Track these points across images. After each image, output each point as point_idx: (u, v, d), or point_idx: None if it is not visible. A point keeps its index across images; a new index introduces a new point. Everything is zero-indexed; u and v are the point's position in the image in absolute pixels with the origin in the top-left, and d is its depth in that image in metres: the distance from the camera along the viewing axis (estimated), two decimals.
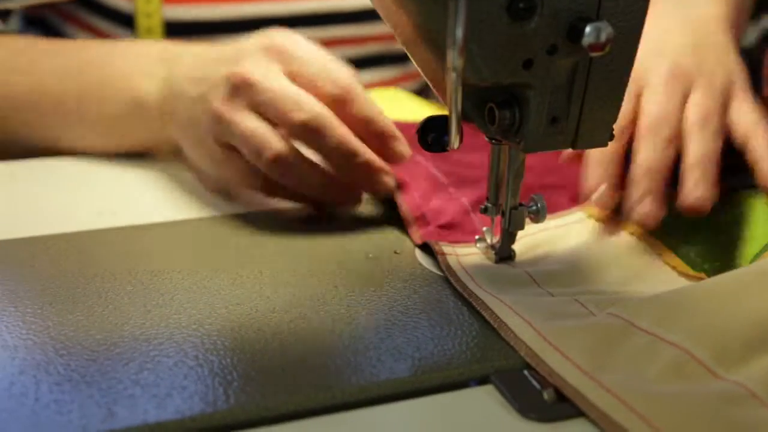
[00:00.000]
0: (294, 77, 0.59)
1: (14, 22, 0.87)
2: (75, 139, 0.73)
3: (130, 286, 0.52)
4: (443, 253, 0.55)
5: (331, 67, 0.59)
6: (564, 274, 0.53)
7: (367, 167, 0.59)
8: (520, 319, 0.47)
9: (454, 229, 0.59)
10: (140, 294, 0.52)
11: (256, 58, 0.59)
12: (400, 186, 0.63)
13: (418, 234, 0.59)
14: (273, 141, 0.57)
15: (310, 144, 0.59)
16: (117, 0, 0.82)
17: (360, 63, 0.91)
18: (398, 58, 0.93)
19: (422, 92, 0.98)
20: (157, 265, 0.55)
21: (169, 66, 0.67)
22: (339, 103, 0.59)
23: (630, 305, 0.46)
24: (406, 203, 0.61)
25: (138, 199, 0.68)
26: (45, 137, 0.73)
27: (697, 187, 0.55)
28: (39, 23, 0.90)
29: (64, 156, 0.76)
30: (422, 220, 0.60)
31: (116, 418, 0.41)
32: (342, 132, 0.58)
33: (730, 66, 0.63)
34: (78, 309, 0.50)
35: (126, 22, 0.83)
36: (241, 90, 0.58)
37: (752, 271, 0.47)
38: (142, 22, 0.81)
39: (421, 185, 0.63)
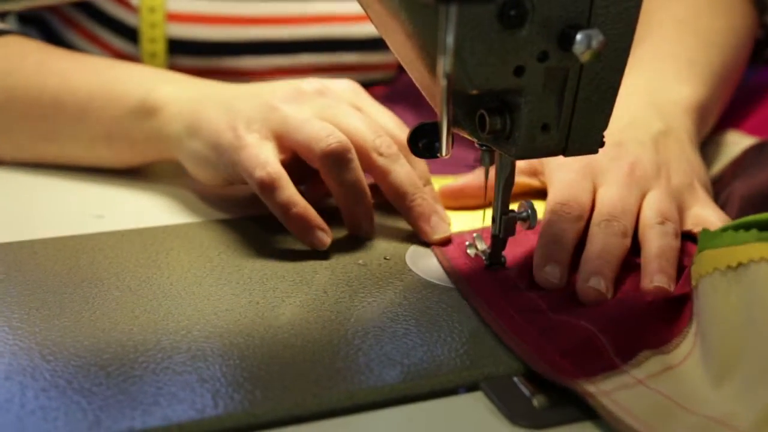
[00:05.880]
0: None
1: (10, 21, 0.87)
2: (71, 146, 0.69)
3: (117, 292, 0.52)
4: (592, 395, 0.43)
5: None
6: None
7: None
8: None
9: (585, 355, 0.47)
10: (128, 300, 0.51)
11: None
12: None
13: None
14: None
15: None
16: (121, 11, 0.82)
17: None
18: None
19: None
20: (145, 270, 0.55)
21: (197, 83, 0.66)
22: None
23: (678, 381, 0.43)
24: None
25: (126, 203, 0.67)
26: (44, 136, 0.70)
27: (658, 275, 0.52)
28: (35, 23, 0.90)
29: (40, 159, 0.75)
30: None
31: (102, 425, 0.40)
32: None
33: (689, 164, 0.61)
34: (65, 314, 0.49)
35: (128, 34, 0.82)
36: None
37: None
38: (146, 31, 0.80)
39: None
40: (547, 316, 0.50)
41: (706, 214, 0.58)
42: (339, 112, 0.60)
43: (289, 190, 0.57)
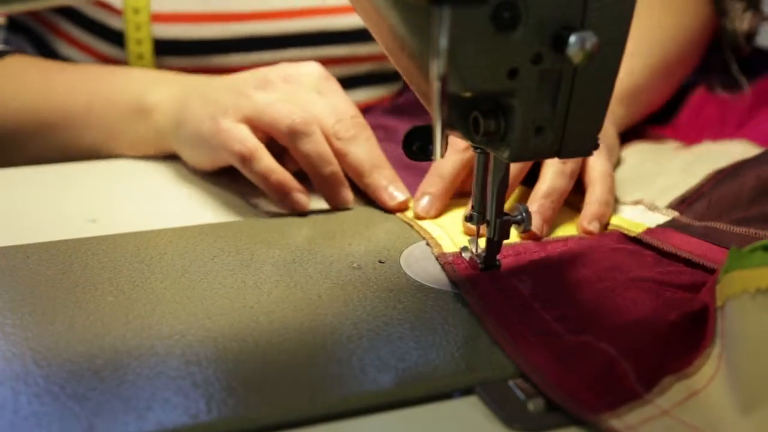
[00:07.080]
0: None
1: (1, 32, 0.86)
2: (83, 145, 0.77)
3: (111, 297, 0.52)
4: None
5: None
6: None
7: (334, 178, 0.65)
8: None
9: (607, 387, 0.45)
10: (122, 304, 0.51)
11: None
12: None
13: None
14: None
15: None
16: (105, 15, 0.82)
17: (352, 82, 0.90)
18: (390, 77, 0.93)
19: None
20: (139, 274, 0.55)
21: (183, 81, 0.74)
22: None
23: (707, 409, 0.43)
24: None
25: (119, 207, 0.67)
26: (54, 146, 0.77)
27: (535, 216, 0.59)
28: (22, 31, 0.89)
29: (45, 164, 0.75)
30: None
31: (96, 430, 0.40)
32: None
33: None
34: (58, 319, 0.49)
35: (114, 38, 0.82)
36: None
37: None
38: (131, 33, 0.80)
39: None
40: (563, 339, 0.48)
41: (599, 164, 0.64)
42: (301, 99, 0.66)
43: (267, 160, 0.64)
